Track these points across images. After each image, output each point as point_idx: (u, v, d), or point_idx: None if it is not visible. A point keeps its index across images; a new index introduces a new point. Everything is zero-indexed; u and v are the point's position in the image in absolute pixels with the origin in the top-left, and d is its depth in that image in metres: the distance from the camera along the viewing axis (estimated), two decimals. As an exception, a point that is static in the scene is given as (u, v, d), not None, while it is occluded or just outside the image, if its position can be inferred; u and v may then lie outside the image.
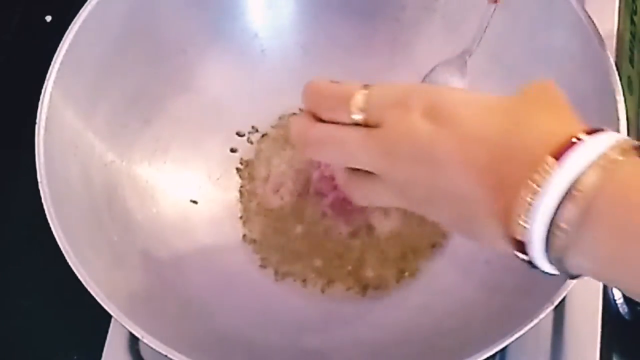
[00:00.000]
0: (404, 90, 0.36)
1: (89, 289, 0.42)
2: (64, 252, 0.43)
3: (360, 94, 0.36)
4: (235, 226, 0.54)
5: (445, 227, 0.37)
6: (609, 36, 0.58)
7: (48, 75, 0.48)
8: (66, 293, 0.46)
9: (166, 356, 0.41)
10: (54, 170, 0.46)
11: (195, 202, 0.54)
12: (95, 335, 0.53)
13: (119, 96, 0.52)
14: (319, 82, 0.39)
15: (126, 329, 0.42)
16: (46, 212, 0.44)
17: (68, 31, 0.49)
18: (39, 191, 0.44)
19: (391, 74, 0.56)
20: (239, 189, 0.56)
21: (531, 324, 0.41)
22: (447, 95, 0.35)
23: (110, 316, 0.42)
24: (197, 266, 0.51)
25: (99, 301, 0.42)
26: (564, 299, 0.41)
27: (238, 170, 0.56)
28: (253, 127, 0.57)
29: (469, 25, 0.53)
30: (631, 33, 0.58)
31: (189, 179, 0.55)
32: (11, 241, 0.59)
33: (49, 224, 0.44)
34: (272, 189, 0.54)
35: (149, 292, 0.48)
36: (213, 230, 0.54)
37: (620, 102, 0.45)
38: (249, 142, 0.57)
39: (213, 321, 0.49)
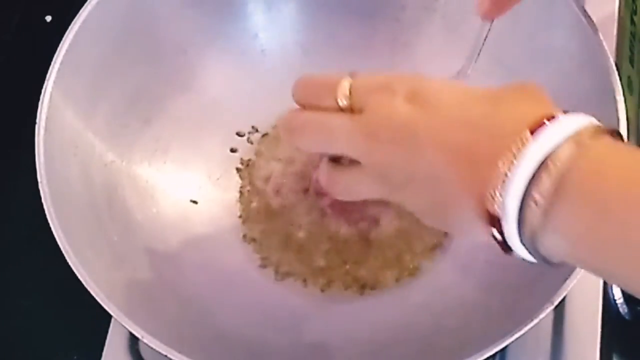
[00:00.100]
0: (388, 77, 0.37)
1: (89, 289, 0.42)
2: (64, 252, 0.43)
3: (346, 81, 0.38)
4: (235, 226, 0.54)
5: (422, 218, 0.37)
6: (609, 36, 0.58)
7: (48, 75, 0.48)
8: (66, 293, 0.46)
9: (166, 356, 0.41)
10: (54, 170, 0.46)
11: (195, 202, 0.54)
12: (95, 335, 0.53)
13: (119, 96, 0.52)
14: (308, 75, 0.40)
15: (126, 329, 0.42)
16: (46, 212, 0.44)
17: (68, 31, 0.49)
18: (39, 191, 0.44)
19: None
20: (239, 189, 0.56)
21: (531, 324, 0.41)
22: (430, 82, 0.36)
23: (110, 316, 0.42)
24: (197, 266, 0.51)
25: (99, 301, 0.42)
26: (564, 299, 0.41)
27: (238, 170, 0.56)
28: (253, 127, 0.57)
29: (469, 25, 0.52)
30: (631, 33, 0.58)
31: (189, 179, 0.55)
32: (11, 241, 0.59)
33: (49, 224, 0.44)
34: (273, 189, 0.54)
35: (149, 292, 0.48)
36: (213, 230, 0.54)
37: (620, 102, 0.45)
38: (249, 142, 0.57)
39: (213, 321, 0.49)
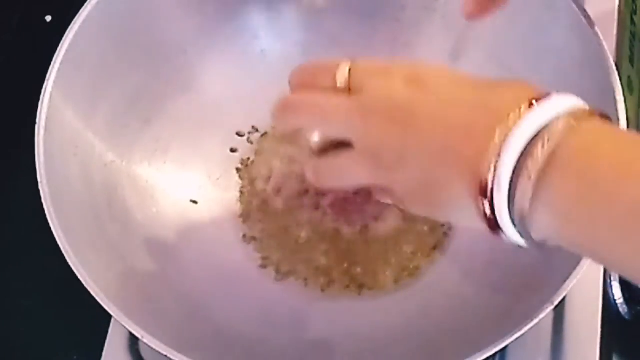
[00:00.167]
0: (387, 62, 0.38)
1: (89, 289, 0.42)
2: (64, 252, 0.43)
3: (346, 64, 0.38)
4: (235, 226, 0.54)
5: (411, 201, 0.37)
6: (609, 36, 0.58)
7: (48, 75, 0.48)
8: (66, 293, 0.46)
9: (166, 356, 0.41)
10: (54, 170, 0.46)
11: (195, 202, 0.54)
12: (95, 335, 0.53)
13: (119, 96, 0.52)
14: (305, 62, 0.41)
15: (126, 329, 0.42)
16: (46, 212, 0.44)
17: (68, 31, 0.49)
18: (39, 191, 0.44)
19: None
20: (239, 189, 0.56)
21: (531, 324, 0.41)
22: (429, 67, 0.37)
23: (110, 316, 0.42)
24: (197, 266, 0.51)
25: (99, 301, 0.42)
26: (564, 299, 0.41)
27: (238, 170, 0.56)
28: (253, 127, 0.57)
29: (469, 25, 0.53)
30: (631, 33, 0.58)
31: (189, 179, 0.55)
32: (11, 241, 0.59)
33: (49, 224, 0.44)
34: (273, 189, 0.54)
35: (149, 292, 0.48)
36: (213, 230, 0.54)
37: (620, 102, 0.45)
38: (249, 142, 0.57)
39: (213, 321, 0.49)
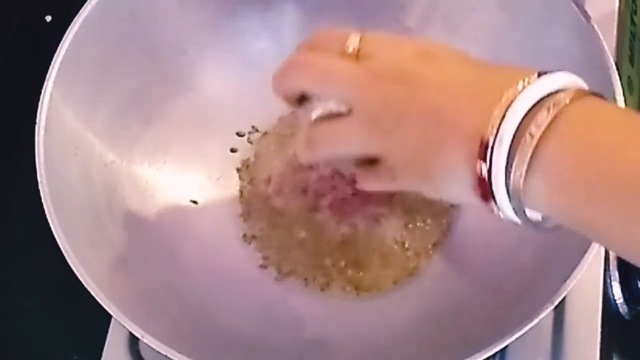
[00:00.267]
0: (398, 36, 0.39)
1: (89, 289, 0.42)
2: (64, 252, 0.43)
3: (357, 34, 0.38)
4: (235, 226, 0.54)
5: (404, 169, 0.37)
6: (609, 36, 0.58)
7: (48, 75, 0.48)
8: (66, 293, 0.46)
9: (166, 356, 0.41)
10: (54, 170, 0.46)
11: (195, 202, 0.54)
12: (95, 335, 0.53)
13: (119, 96, 0.52)
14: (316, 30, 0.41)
15: (126, 329, 0.42)
16: (46, 212, 0.44)
17: (68, 31, 0.49)
18: (39, 191, 0.44)
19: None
20: (239, 189, 0.56)
21: (531, 324, 0.41)
22: (440, 45, 0.38)
23: (110, 316, 0.42)
24: (197, 266, 0.51)
25: (99, 301, 0.42)
26: (564, 299, 0.41)
27: (238, 170, 0.56)
28: (253, 127, 0.57)
29: (469, 25, 0.53)
30: (631, 33, 0.58)
31: (189, 179, 0.55)
32: (11, 241, 0.59)
33: (49, 224, 0.44)
34: (273, 189, 0.54)
35: (149, 292, 0.48)
36: (213, 230, 0.54)
37: (620, 102, 0.45)
38: (249, 142, 0.57)
39: (213, 321, 0.49)
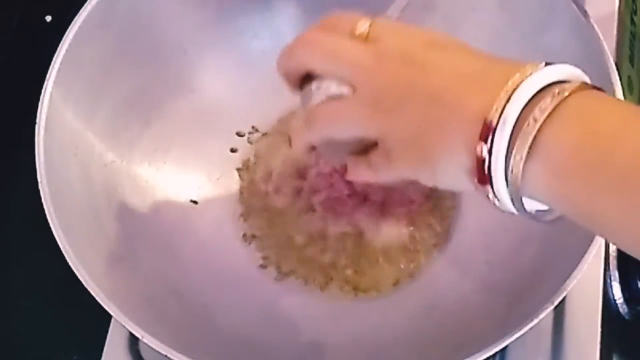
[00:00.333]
0: (408, 25, 0.39)
1: (89, 289, 0.42)
2: (64, 252, 0.43)
3: (367, 19, 0.39)
4: (235, 226, 0.54)
5: (402, 151, 0.36)
6: (609, 36, 0.58)
7: (48, 75, 0.48)
8: (66, 293, 0.46)
9: (166, 356, 0.41)
10: (54, 170, 0.46)
11: (195, 202, 0.54)
12: (95, 335, 0.53)
13: (119, 96, 0.52)
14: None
15: (126, 329, 0.42)
16: (46, 212, 0.44)
17: (68, 31, 0.49)
18: (39, 191, 0.44)
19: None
20: (239, 189, 0.56)
21: (531, 324, 0.41)
22: (449, 36, 0.38)
23: (110, 316, 0.42)
24: (197, 266, 0.51)
25: (99, 301, 0.42)
26: (564, 299, 0.41)
27: (238, 170, 0.56)
28: (253, 127, 0.57)
29: (469, 25, 0.53)
30: (631, 33, 0.58)
31: (189, 179, 0.55)
32: (11, 241, 0.59)
33: (49, 224, 0.44)
34: (273, 188, 0.54)
35: (149, 292, 0.48)
36: (213, 230, 0.54)
37: (620, 102, 0.45)
38: (249, 142, 0.57)
39: (213, 320, 0.49)
